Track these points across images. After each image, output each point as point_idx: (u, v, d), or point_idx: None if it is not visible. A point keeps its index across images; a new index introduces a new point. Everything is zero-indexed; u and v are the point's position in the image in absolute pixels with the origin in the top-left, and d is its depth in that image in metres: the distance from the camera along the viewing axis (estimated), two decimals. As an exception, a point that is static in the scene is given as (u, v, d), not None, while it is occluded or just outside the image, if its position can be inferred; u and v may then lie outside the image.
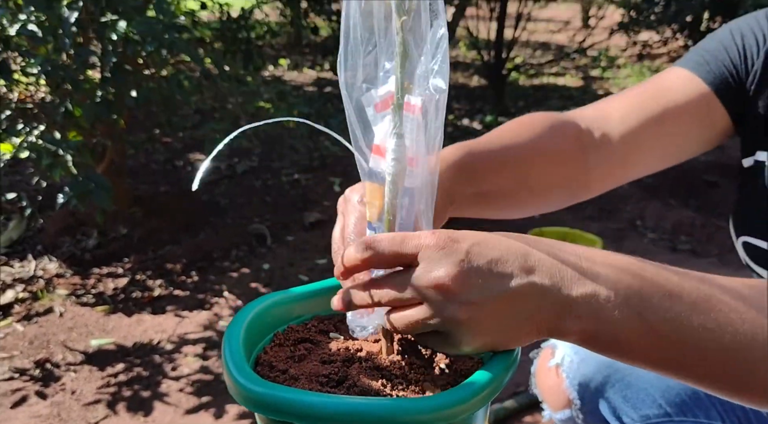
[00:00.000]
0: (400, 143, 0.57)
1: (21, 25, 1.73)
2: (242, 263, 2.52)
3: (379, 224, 0.60)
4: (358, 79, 0.57)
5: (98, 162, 2.39)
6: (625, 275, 0.50)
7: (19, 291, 2.19)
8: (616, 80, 5.65)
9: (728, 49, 0.77)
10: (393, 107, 0.57)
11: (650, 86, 0.79)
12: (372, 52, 0.56)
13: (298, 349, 0.63)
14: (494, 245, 0.49)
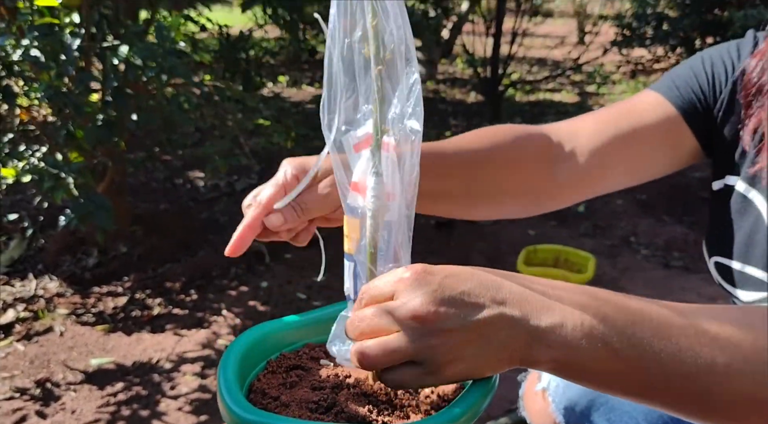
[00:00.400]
0: (378, 181, 0.61)
1: (24, 51, 1.77)
2: (241, 281, 2.55)
3: (357, 256, 0.64)
4: (339, 121, 0.61)
5: (99, 181, 2.43)
6: (590, 305, 0.52)
7: (20, 310, 2.22)
8: (611, 96, 5.70)
9: (698, 76, 0.80)
10: (372, 148, 0.61)
11: (622, 107, 0.83)
12: (352, 97, 0.61)
13: (290, 376, 0.66)
14: (466, 278, 0.52)
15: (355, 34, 0.56)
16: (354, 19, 0.57)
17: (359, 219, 0.63)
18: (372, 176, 0.61)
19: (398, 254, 0.62)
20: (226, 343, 2.13)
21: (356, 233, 0.64)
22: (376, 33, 0.56)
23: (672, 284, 2.55)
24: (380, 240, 0.62)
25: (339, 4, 0.56)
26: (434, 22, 2.74)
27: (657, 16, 4.25)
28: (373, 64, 0.57)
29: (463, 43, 5.00)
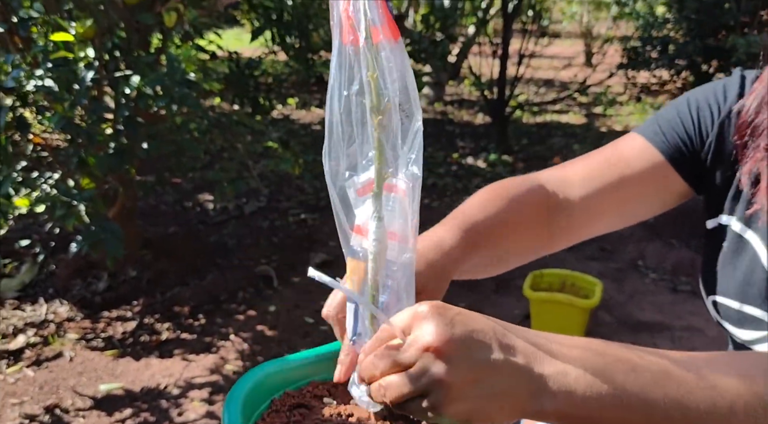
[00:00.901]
0: (380, 225, 0.63)
1: (39, 82, 1.82)
2: (249, 305, 2.57)
3: (359, 297, 0.65)
4: (341, 167, 0.63)
5: (109, 207, 2.46)
6: (592, 354, 0.54)
7: (30, 335, 2.25)
8: (618, 118, 5.72)
9: (684, 121, 0.80)
10: (373, 194, 0.63)
11: (610, 153, 0.83)
12: (353, 144, 0.63)
13: (293, 415, 0.67)
14: (476, 318, 0.54)
15: (352, 87, 0.58)
16: (352, 72, 0.59)
17: (361, 261, 0.65)
18: (374, 221, 0.63)
19: (400, 295, 0.64)
20: (234, 368, 2.14)
21: (358, 274, 0.65)
22: (373, 86, 0.58)
23: (680, 308, 2.53)
24: (382, 283, 0.64)
25: (338, 57, 0.58)
26: (441, 50, 2.77)
27: (662, 39, 4.28)
28: (372, 115, 0.59)
29: (470, 66, 5.04)
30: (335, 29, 0.57)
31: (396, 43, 0.57)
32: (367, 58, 0.57)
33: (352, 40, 0.58)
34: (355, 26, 0.58)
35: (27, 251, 2.75)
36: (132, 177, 2.43)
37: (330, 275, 0.60)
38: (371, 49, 0.57)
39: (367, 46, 0.57)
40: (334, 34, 0.57)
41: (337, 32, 0.57)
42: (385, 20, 0.57)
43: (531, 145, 4.91)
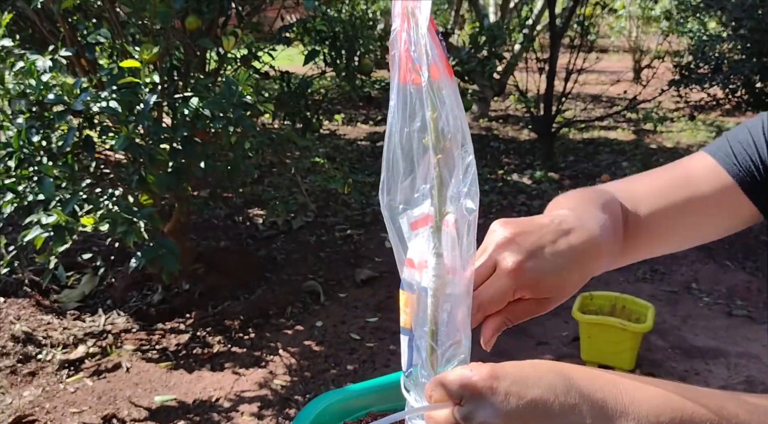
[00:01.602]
0: (439, 261, 0.64)
1: (104, 103, 1.91)
2: (296, 320, 2.61)
3: (415, 330, 0.67)
4: (397, 201, 0.65)
5: (165, 222, 2.55)
6: (666, 406, 0.52)
7: (89, 346, 2.34)
8: (669, 134, 5.59)
9: (757, 144, 0.77)
10: (432, 230, 0.64)
11: (677, 172, 0.81)
12: (409, 178, 0.64)
13: (353, 444, 0.70)
14: (534, 383, 0.52)
15: (414, 124, 0.60)
16: (414, 110, 0.61)
17: (415, 294, 0.67)
18: (433, 257, 0.64)
19: (459, 329, 0.65)
20: (282, 383, 2.18)
21: (411, 307, 0.67)
22: (436, 125, 0.60)
23: (735, 333, 2.46)
24: (441, 316, 0.65)
25: (396, 95, 0.60)
26: (489, 69, 2.79)
27: (716, 57, 4.18)
28: (432, 153, 0.61)
29: (515, 81, 5.02)
30: (394, 67, 0.58)
31: (451, 80, 0.59)
32: (428, 97, 0.59)
33: (413, 79, 0.60)
34: (413, 65, 0.60)
35: (87, 263, 2.87)
36: (187, 194, 2.51)
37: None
38: (431, 88, 0.59)
39: (427, 86, 0.59)
40: (392, 72, 0.59)
41: (396, 71, 0.58)
42: (441, 59, 0.59)
43: (578, 162, 4.85)
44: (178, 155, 2.09)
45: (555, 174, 4.49)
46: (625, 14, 7.63)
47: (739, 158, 0.78)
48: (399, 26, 0.60)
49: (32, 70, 1.96)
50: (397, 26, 0.60)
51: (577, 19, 4.77)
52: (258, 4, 2.32)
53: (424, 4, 0.60)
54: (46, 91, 1.87)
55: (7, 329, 2.40)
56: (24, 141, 1.84)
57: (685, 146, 5.20)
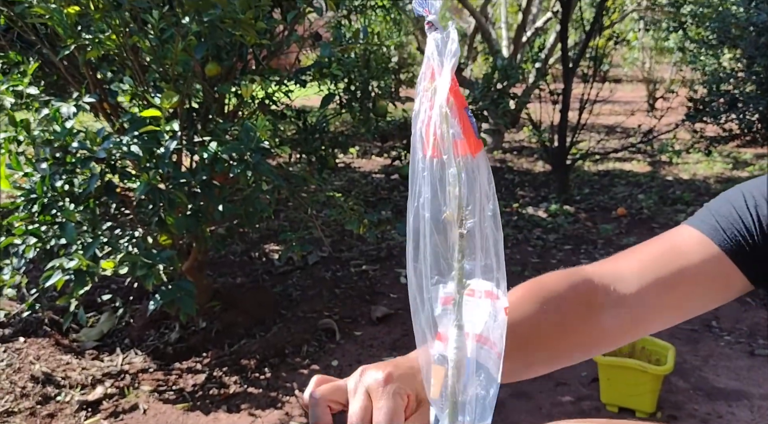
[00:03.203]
0: (460, 334, 0.65)
1: (125, 148, 1.96)
2: (312, 359, 2.61)
3: (441, 400, 0.68)
4: (423, 271, 0.66)
5: (183, 260, 2.58)
6: None
7: (107, 387, 2.35)
8: (686, 166, 5.57)
9: (742, 216, 0.77)
10: (455, 302, 0.65)
11: (664, 246, 0.80)
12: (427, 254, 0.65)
13: None
14: None
15: (420, 199, 0.62)
16: (421, 185, 0.62)
17: (443, 367, 0.68)
18: (454, 329, 0.65)
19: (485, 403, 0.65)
20: (298, 426, 2.17)
21: (438, 380, 0.68)
22: (458, 199, 0.61)
23: (759, 374, 2.41)
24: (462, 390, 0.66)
25: (416, 168, 0.62)
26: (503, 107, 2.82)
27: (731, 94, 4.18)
28: (454, 226, 0.62)
29: (528, 113, 5.05)
30: (416, 143, 0.60)
31: (476, 156, 0.60)
32: (447, 174, 0.61)
33: (432, 154, 0.62)
34: (435, 141, 0.62)
35: (106, 303, 2.90)
36: (205, 234, 2.54)
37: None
38: (451, 166, 0.61)
39: (449, 161, 0.61)
40: (413, 148, 0.61)
41: (417, 146, 0.59)
42: (466, 134, 0.61)
43: (593, 195, 4.84)
44: (197, 198, 2.13)
45: (570, 207, 4.48)
46: (638, 46, 7.68)
47: (727, 232, 0.77)
48: (420, 103, 0.62)
49: (57, 117, 2.02)
50: (419, 104, 0.62)
51: (590, 52, 4.81)
52: (275, 50, 2.38)
53: (442, 81, 0.61)
54: (71, 139, 1.92)
55: (26, 370, 2.43)
56: (47, 187, 1.89)
57: (701, 178, 5.18)
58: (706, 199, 3.53)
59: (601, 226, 4.08)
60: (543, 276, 0.82)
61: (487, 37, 6.14)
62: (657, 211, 4.35)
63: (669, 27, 5.26)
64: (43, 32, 2.42)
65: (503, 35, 6.94)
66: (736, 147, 6.08)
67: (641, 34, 7.37)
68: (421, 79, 0.62)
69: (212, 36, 1.90)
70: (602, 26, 4.76)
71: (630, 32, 7.16)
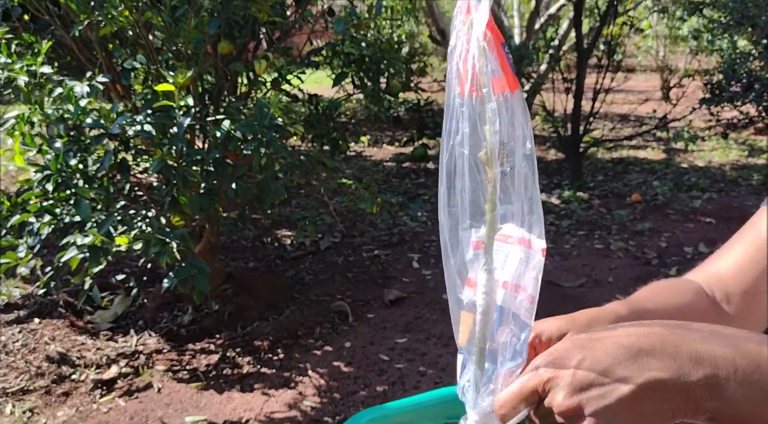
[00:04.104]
0: (489, 279, 0.63)
1: (138, 127, 1.95)
2: (325, 341, 2.60)
3: (470, 347, 0.66)
4: (456, 216, 0.64)
5: (196, 243, 2.58)
6: (744, 350, 0.52)
7: (122, 366, 2.36)
8: (701, 153, 5.51)
9: None
10: (485, 246, 0.63)
11: (753, 236, 0.79)
12: (463, 194, 0.63)
13: (393, 462, 0.68)
14: (602, 355, 0.53)
15: (456, 138, 0.60)
16: (458, 123, 0.60)
17: (472, 313, 0.66)
18: (483, 273, 0.63)
19: (515, 346, 0.63)
20: (311, 404, 2.17)
21: (466, 326, 0.66)
22: (492, 138, 0.59)
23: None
24: (491, 335, 0.64)
25: (452, 107, 0.59)
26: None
27: (748, 75, 4.13)
28: (488, 168, 0.60)
29: (542, 101, 5.01)
30: (452, 79, 0.57)
31: (514, 93, 0.58)
32: (478, 110, 0.59)
33: (469, 91, 0.60)
34: (474, 76, 0.59)
35: (120, 284, 2.91)
36: (218, 215, 2.54)
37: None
38: (490, 101, 0.58)
39: (485, 98, 0.59)
40: (449, 84, 0.59)
41: (454, 82, 0.57)
42: (504, 71, 0.59)
43: (607, 182, 4.80)
44: (210, 177, 2.12)
45: (584, 194, 4.44)
46: (652, 34, 7.59)
47: None
48: (457, 38, 0.60)
49: (70, 96, 2.02)
50: (455, 38, 0.60)
51: (604, 40, 4.76)
52: (287, 30, 2.36)
53: (479, 16, 0.59)
54: (84, 116, 1.92)
55: (42, 350, 2.44)
56: (62, 164, 1.89)
57: (717, 165, 5.12)
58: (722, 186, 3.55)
59: (615, 212, 4.04)
60: (666, 281, 0.81)
61: (499, 24, 6.09)
62: (672, 197, 4.30)
63: (683, 15, 5.19)
64: (57, 13, 2.42)
65: (515, 23, 6.89)
66: (752, 135, 6.01)
67: (655, 22, 7.29)
68: (457, 14, 0.60)
69: (225, 11, 1.89)
70: (616, 12, 4.71)
71: (644, 20, 7.08)
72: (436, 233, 3.86)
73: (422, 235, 3.77)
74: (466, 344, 0.66)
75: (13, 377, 2.27)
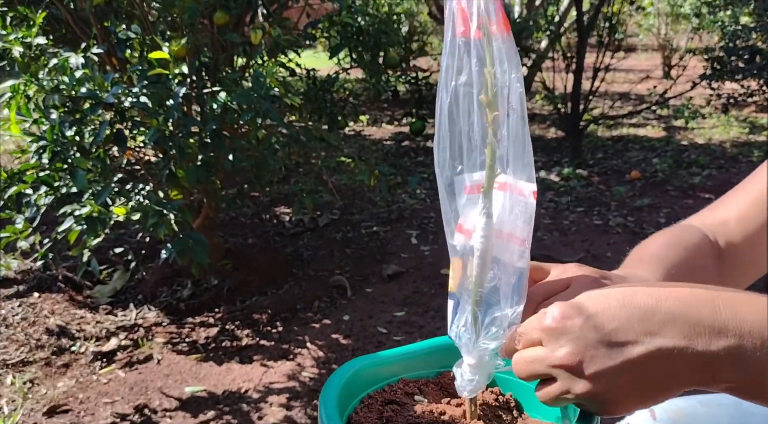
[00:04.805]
0: (488, 223, 0.63)
1: (134, 98, 1.94)
2: (324, 315, 2.61)
3: (461, 292, 0.66)
4: (448, 159, 0.63)
5: (195, 217, 2.58)
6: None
7: (121, 339, 2.37)
8: (701, 131, 5.49)
9: None
10: (484, 190, 0.63)
11: (759, 182, 0.79)
12: (462, 138, 0.62)
13: (385, 410, 0.68)
14: (613, 314, 0.50)
15: (461, 78, 0.59)
16: (462, 63, 0.59)
17: (461, 259, 0.65)
18: (482, 217, 0.63)
19: (509, 296, 0.63)
20: (310, 375, 2.18)
21: (456, 272, 0.66)
22: (491, 80, 0.58)
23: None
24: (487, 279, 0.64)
25: (449, 49, 0.59)
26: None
27: (749, 49, 4.09)
28: (488, 111, 0.59)
29: (542, 79, 4.98)
30: (448, 22, 0.57)
31: (507, 36, 0.58)
32: (482, 52, 0.58)
33: (464, 32, 0.59)
34: (468, 19, 0.58)
35: (119, 259, 2.91)
36: (216, 189, 2.54)
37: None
38: (486, 42, 0.58)
39: (481, 40, 0.58)
40: (446, 27, 0.58)
41: (449, 25, 0.57)
42: (498, 14, 0.58)
43: (606, 159, 4.78)
44: (207, 149, 2.11)
45: (583, 171, 4.43)
46: (653, 12, 7.52)
47: None
48: None
49: (65, 67, 2.00)
50: None
51: (605, 17, 4.71)
52: (285, 1, 2.34)
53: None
54: (79, 86, 1.91)
55: (41, 323, 2.45)
56: (58, 135, 1.88)
57: (717, 142, 5.10)
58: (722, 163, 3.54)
59: (614, 188, 4.03)
60: (671, 228, 0.80)
61: None
62: (671, 174, 4.29)
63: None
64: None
65: (516, 1, 6.82)
66: (753, 112, 5.98)
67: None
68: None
69: (220, -20, 1.87)
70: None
71: (645, -2, 7.01)
72: (434, 209, 3.86)
73: (421, 212, 3.77)
74: (457, 290, 0.66)
75: (13, 349, 2.28)
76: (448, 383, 0.74)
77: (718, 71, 4.33)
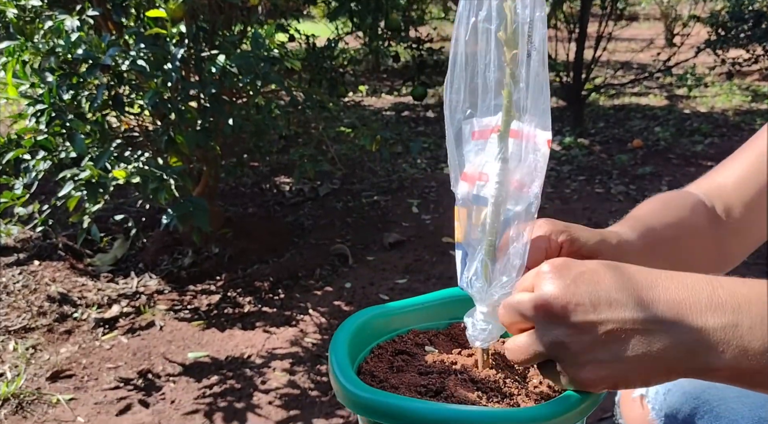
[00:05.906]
0: (504, 168, 0.61)
1: (131, 61, 1.90)
2: (325, 282, 2.61)
3: (468, 242, 0.64)
4: (461, 102, 0.60)
5: (194, 186, 2.55)
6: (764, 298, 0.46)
7: (123, 306, 2.37)
8: (703, 99, 5.44)
9: None
10: (500, 134, 0.60)
11: (758, 147, 0.76)
12: (477, 79, 0.60)
13: (396, 360, 0.68)
14: (612, 276, 0.49)
15: (480, 13, 0.56)
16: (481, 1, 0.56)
17: (466, 208, 0.64)
18: (498, 162, 0.60)
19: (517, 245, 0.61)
20: (312, 341, 2.18)
21: (461, 221, 0.64)
22: (511, 15, 0.55)
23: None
24: (501, 230, 0.62)
25: None
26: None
27: (755, 14, 4.03)
28: (506, 49, 0.57)
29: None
30: None
31: None
32: None
33: None
34: None
35: (119, 228, 2.90)
36: (216, 156, 2.51)
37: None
38: None
39: None
40: None
41: None
42: None
43: (608, 128, 4.75)
44: (206, 113, 2.08)
45: (585, 140, 4.40)
46: (656, -22, 7.41)
47: None
48: None
49: (61, 29, 1.96)
50: None
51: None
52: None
53: None
54: (75, 49, 1.87)
55: (43, 290, 2.45)
56: (55, 98, 1.84)
57: (719, 111, 5.06)
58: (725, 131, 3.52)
59: (616, 157, 4.01)
60: (666, 193, 0.78)
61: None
62: (674, 142, 4.26)
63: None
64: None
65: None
66: (755, 80, 5.92)
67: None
68: None
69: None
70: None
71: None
72: (435, 179, 3.84)
73: (422, 181, 3.75)
74: (464, 239, 0.64)
75: (15, 316, 2.28)
76: (459, 334, 0.73)
77: (723, 37, 4.26)
